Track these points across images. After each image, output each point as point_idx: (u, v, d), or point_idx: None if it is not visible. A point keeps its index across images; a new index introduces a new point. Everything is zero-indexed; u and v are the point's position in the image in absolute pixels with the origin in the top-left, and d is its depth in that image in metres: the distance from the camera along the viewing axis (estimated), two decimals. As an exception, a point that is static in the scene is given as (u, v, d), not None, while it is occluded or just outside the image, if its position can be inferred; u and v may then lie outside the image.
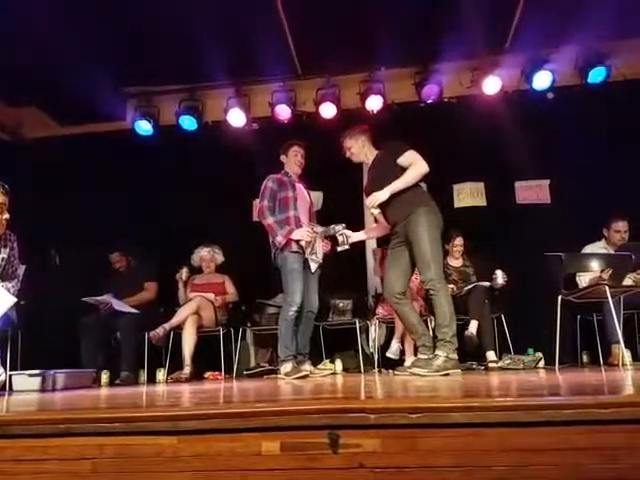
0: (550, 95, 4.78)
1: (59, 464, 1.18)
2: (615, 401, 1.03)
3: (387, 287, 3.16)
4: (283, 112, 5.01)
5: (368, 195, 3.14)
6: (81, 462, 1.18)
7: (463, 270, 4.37)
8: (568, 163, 4.46)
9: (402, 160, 3.06)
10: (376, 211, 3.13)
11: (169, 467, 1.15)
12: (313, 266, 3.57)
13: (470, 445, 1.05)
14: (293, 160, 3.69)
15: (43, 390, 3.14)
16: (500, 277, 4.01)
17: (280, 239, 3.44)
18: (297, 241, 3.47)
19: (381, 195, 3.02)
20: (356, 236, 3.49)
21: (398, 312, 3.17)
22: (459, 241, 4.33)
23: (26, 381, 3.20)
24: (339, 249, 3.38)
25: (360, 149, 3.32)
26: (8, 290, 2.75)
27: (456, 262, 4.38)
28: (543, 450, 1.02)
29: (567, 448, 1.01)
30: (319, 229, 3.59)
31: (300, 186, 3.72)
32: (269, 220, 3.49)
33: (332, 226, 3.43)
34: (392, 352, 4.05)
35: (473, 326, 3.83)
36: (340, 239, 3.35)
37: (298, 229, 3.48)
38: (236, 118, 5.09)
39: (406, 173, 3.02)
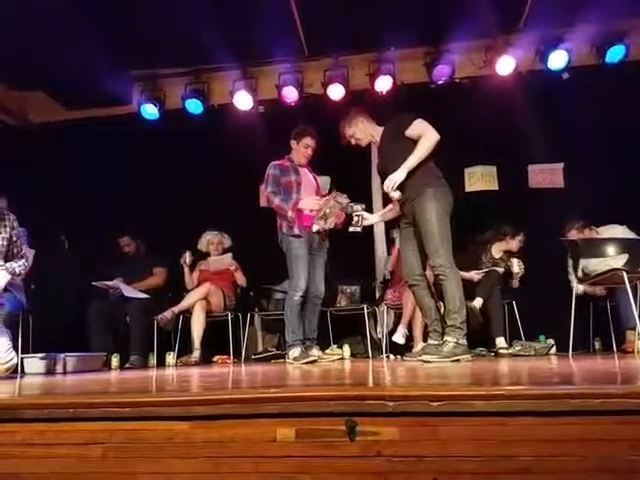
0: (565, 75, 4.63)
1: (69, 449, 1.17)
2: (646, 390, 0.98)
3: (406, 268, 3.11)
4: (290, 94, 4.91)
5: (383, 175, 3.05)
6: (91, 447, 1.15)
7: (499, 262, 4.27)
8: (583, 146, 4.33)
9: (410, 132, 2.95)
10: (397, 194, 2.98)
11: (181, 453, 1.12)
12: (315, 227, 3.45)
13: (492, 435, 1.01)
14: (302, 152, 3.61)
15: (54, 373, 3.15)
16: (516, 265, 3.98)
17: (290, 214, 3.40)
18: (305, 226, 3.43)
19: (398, 176, 2.91)
20: (371, 219, 3.39)
21: (415, 294, 3.13)
22: (521, 240, 4.20)
23: (37, 364, 3.22)
24: (351, 229, 3.26)
25: (363, 132, 3.19)
26: (14, 270, 2.72)
27: (498, 254, 4.27)
28: (570, 441, 0.98)
29: (595, 439, 0.97)
30: (343, 200, 3.39)
31: (305, 170, 3.66)
32: (276, 201, 3.46)
33: (352, 204, 3.28)
34: (398, 337, 4.02)
35: (477, 302, 3.79)
36: (355, 219, 3.22)
37: (305, 198, 3.45)
38: (242, 101, 5.00)
39: (418, 147, 2.90)
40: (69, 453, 1.18)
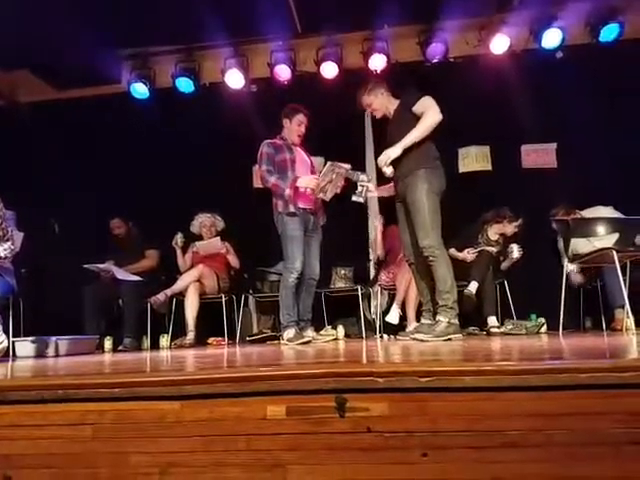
0: (559, 54, 4.59)
1: (59, 429, 1.16)
2: (633, 365, 0.99)
3: (406, 247, 3.13)
4: (283, 72, 4.84)
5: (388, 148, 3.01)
6: (81, 427, 1.15)
7: (493, 244, 4.26)
8: (576, 126, 4.32)
9: (416, 108, 2.93)
10: (389, 170, 2.98)
11: (172, 433, 1.12)
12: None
13: (482, 410, 1.02)
14: (295, 130, 3.56)
15: (45, 356, 3.14)
16: (516, 251, 3.98)
17: (287, 192, 3.36)
18: (301, 207, 3.40)
19: (393, 152, 2.91)
20: (374, 192, 3.39)
21: (414, 273, 3.14)
22: (517, 226, 4.17)
23: (28, 347, 3.21)
24: (354, 199, 3.20)
25: (381, 103, 3.16)
26: None
27: (494, 236, 4.26)
28: (557, 415, 0.99)
29: (582, 413, 0.98)
30: (342, 168, 3.36)
31: (298, 149, 3.61)
32: (272, 180, 3.40)
33: (358, 172, 3.26)
34: (392, 317, 4.04)
35: (473, 286, 3.79)
36: (360, 189, 3.18)
37: (303, 177, 3.41)
38: (234, 79, 4.93)
39: (418, 125, 2.89)
40: (59, 434, 1.17)
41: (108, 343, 4.04)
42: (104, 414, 1.16)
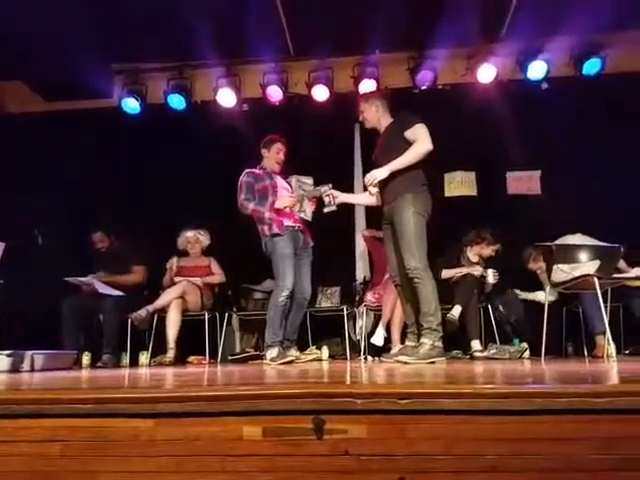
0: (544, 85, 4.73)
1: (27, 446, 1.12)
2: (611, 390, 1.00)
3: (393, 268, 3.14)
4: (274, 93, 4.90)
5: (375, 166, 3.05)
6: (51, 444, 1.11)
7: (474, 265, 4.28)
8: (560, 155, 4.44)
9: (409, 133, 2.97)
10: (374, 190, 3.04)
11: (144, 452, 1.09)
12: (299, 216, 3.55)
13: (460, 433, 1.01)
14: (274, 158, 3.64)
15: (20, 371, 3.06)
16: (491, 276, 4.00)
17: (267, 215, 3.41)
18: (288, 226, 3.41)
19: (380, 173, 2.94)
20: (344, 197, 3.43)
21: (400, 293, 3.15)
22: (495, 250, 4.20)
23: (3, 361, 3.11)
24: (326, 210, 3.32)
25: (373, 115, 3.20)
26: None
27: (474, 258, 4.27)
28: (536, 439, 0.99)
29: (561, 437, 0.98)
30: (307, 185, 3.50)
31: (278, 177, 3.66)
32: (250, 206, 3.46)
33: (318, 187, 3.40)
34: (377, 339, 4.02)
35: (456, 310, 3.79)
36: (327, 200, 3.30)
37: (280, 198, 3.46)
38: (226, 98, 4.96)
39: (407, 151, 2.93)
40: (27, 451, 1.13)
41: (86, 359, 3.95)
42: (75, 431, 1.13)
